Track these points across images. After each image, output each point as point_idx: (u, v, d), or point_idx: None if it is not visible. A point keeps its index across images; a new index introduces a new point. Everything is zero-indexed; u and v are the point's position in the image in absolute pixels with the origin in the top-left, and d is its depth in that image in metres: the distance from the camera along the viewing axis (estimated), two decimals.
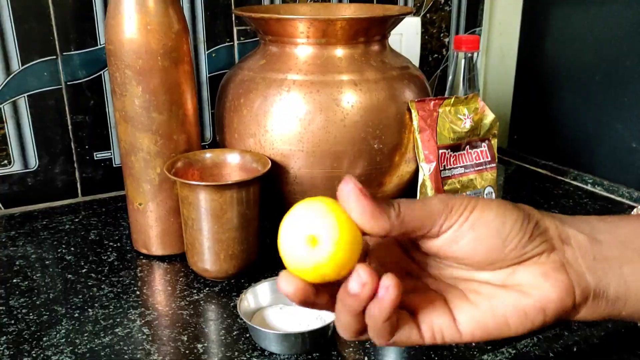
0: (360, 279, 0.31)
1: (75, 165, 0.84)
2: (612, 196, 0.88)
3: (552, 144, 0.99)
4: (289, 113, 0.65)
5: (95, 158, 0.84)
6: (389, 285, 0.31)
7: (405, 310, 0.35)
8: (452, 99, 0.70)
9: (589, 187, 0.91)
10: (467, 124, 0.71)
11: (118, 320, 0.57)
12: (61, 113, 0.81)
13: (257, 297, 0.56)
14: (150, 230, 0.68)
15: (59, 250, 0.71)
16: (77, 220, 0.79)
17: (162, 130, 0.64)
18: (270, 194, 0.69)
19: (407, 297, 0.35)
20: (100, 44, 0.81)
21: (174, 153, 0.65)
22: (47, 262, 0.68)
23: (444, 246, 0.34)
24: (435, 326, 0.34)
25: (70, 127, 0.82)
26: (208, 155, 0.67)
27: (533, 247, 0.34)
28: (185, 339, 0.54)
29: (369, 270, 0.31)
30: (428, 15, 1.03)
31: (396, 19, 0.69)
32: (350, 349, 0.53)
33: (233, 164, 0.67)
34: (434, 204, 0.34)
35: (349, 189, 0.33)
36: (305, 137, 0.65)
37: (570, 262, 0.35)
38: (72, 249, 0.71)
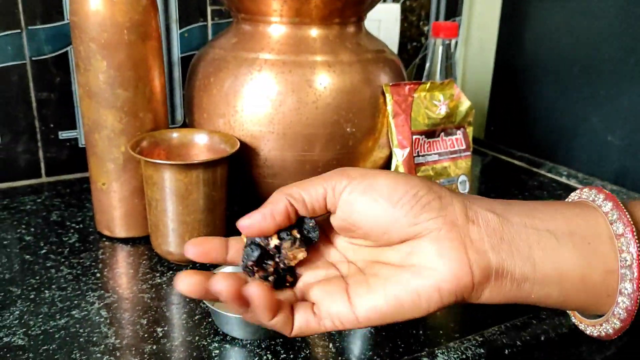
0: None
1: (39, 144, 0.81)
2: None
3: (529, 136, 0.98)
4: (260, 93, 0.63)
5: (60, 137, 0.81)
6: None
7: (307, 301, 0.38)
8: (428, 84, 0.68)
9: (563, 180, 0.91)
10: (443, 110, 0.69)
11: (75, 302, 0.55)
12: (25, 90, 0.78)
13: None
14: (113, 211, 0.65)
15: (18, 231, 0.68)
16: (39, 200, 0.76)
17: (127, 108, 0.62)
18: (240, 177, 0.67)
19: (308, 288, 0.39)
20: (67, 19, 0.78)
21: (139, 132, 0.63)
22: (4, 242, 0.65)
23: (344, 216, 0.37)
24: (332, 313, 0.36)
25: (34, 104, 0.79)
26: (175, 135, 0.65)
27: (426, 218, 0.35)
28: (145, 322, 0.52)
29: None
30: (408, 2, 1.01)
31: (373, 1, 0.67)
32: (315, 335, 0.51)
33: (201, 145, 0.65)
34: (332, 172, 0.38)
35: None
36: (276, 119, 0.63)
37: (473, 240, 0.35)
38: (32, 229, 0.69)
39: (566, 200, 0.42)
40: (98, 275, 0.60)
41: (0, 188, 0.80)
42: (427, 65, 0.82)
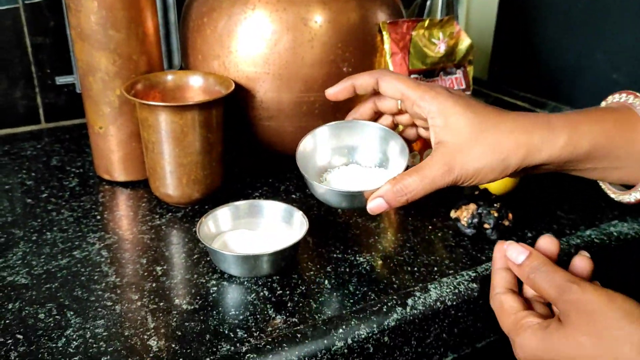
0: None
1: (37, 90, 0.80)
2: None
3: (533, 75, 0.97)
4: (254, 33, 0.62)
5: (58, 83, 0.81)
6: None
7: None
8: (427, 22, 0.67)
9: None
10: (442, 49, 0.68)
11: (77, 243, 0.56)
12: (19, 34, 0.77)
13: (217, 221, 0.55)
14: (111, 155, 0.66)
15: (19, 176, 0.69)
16: (39, 146, 0.77)
17: (120, 50, 0.61)
18: (235, 119, 0.67)
19: None
20: None
21: (134, 74, 0.62)
22: (6, 187, 0.66)
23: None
24: None
25: (29, 49, 0.78)
26: (170, 77, 0.64)
27: None
28: (145, 261, 0.53)
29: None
30: None
31: None
32: (311, 272, 0.52)
33: (196, 87, 0.65)
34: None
35: None
36: (271, 59, 0.62)
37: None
38: (33, 174, 0.69)
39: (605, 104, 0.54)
40: (98, 217, 0.61)
41: (0, 134, 0.80)
42: (428, 2, 0.80)
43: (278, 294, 0.49)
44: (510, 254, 0.44)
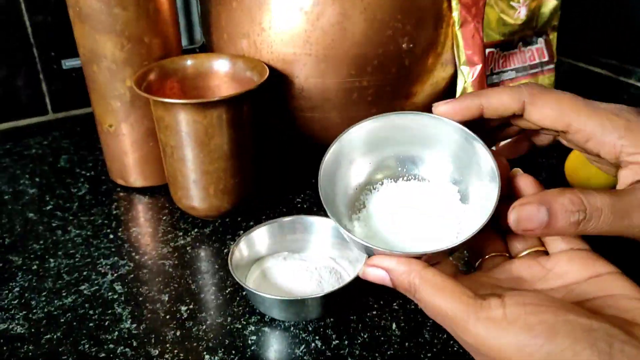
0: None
1: (41, 76, 0.70)
2: None
3: (615, 36, 0.82)
4: (291, 4, 0.50)
5: (64, 67, 0.70)
6: None
7: None
8: None
9: None
10: (522, 14, 0.55)
11: (85, 273, 0.46)
12: (17, 13, 0.66)
13: (253, 245, 0.44)
14: (125, 157, 0.55)
15: (22, 182, 0.59)
16: (45, 143, 0.67)
17: (129, 32, 0.50)
18: (271, 112, 0.55)
19: None
20: None
21: (146, 61, 0.51)
22: (5, 197, 0.57)
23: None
24: None
25: (29, 29, 0.67)
26: (189, 62, 0.53)
27: None
28: (167, 298, 0.43)
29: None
30: None
31: None
32: (374, 312, 0.41)
33: (222, 74, 0.53)
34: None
35: None
36: (313, 37, 0.50)
37: None
38: (37, 179, 0.60)
39: None
40: (111, 236, 0.50)
41: (3, 129, 0.70)
42: None
43: (334, 345, 0.39)
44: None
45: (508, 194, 0.34)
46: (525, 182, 0.34)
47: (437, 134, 0.36)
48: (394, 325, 0.40)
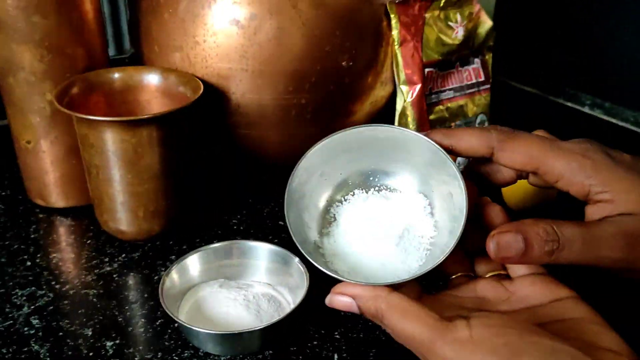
0: None
1: None
2: (615, 120, 0.75)
3: (544, 54, 0.84)
4: (227, 17, 0.47)
5: None
6: None
7: None
8: (442, 1, 0.53)
9: (586, 110, 0.78)
10: (460, 34, 0.55)
11: None
12: None
13: (186, 272, 0.42)
14: (45, 176, 0.51)
15: None
16: None
17: (49, 41, 0.46)
18: (204, 128, 0.53)
19: None
20: None
21: (69, 73, 0.48)
22: None
23: None
24: None
25: None
26: (117, 75, 0.49)
27: None
28: (90, 333, 0.40)
29: None
30: None
31: None
32: (315, 342, 0.39)
33: (152, 88, 0.50)
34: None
35: None
36: (250, 52, 0.48)
37: None
38: None
39: None
40: (28, 263, 0.46)
41: None
42: None
43: None
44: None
45: (474, 216, 0.35)
46: (494, 211, 0.35)
47: (407, 146, 0.36)
48: (335, 356, 0.38)
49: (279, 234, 0.50)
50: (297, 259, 0.41)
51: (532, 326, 0.28)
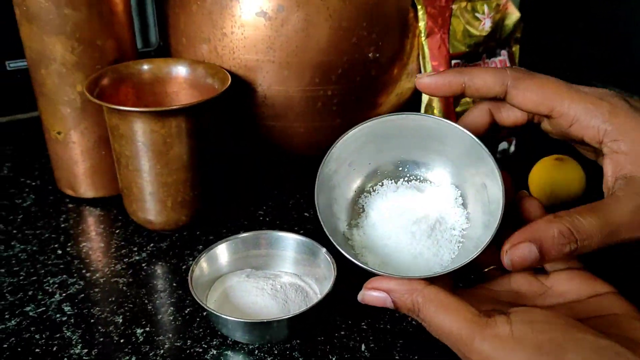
0: None
1: None
2: None
3: (569, 47, 0.83)
4: (255, 9, 0.48)
5: (9, 68, 0.66)
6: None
7: None
8: None
9: None
10: (487, 25, 0.55)
11: (30, 293, 0.43)
12: None
13: (214, 262, 0.42)
14: (75, 166, 0.52)
15: None
16: None
17: (80, 33, 0.47)
18: (231, 119, 0.53)
19: None
20: None
21: (98, 64, 0.48)
22: None
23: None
24: None
25: None
26: (146, 67, 0.50)
27: None
28: (121, 320, 0.41)
29: None
30: None
31: None
32: (342, 332, 0.40)
33: (181, 80, 0.50)
34: None
35: None
36: (277, 43, 0.48)
37: None
38: None
39: None
40: (59, 252, 0.47)
41: None
42: None
43: None
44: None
45: (510, 209, 0.34)
46: (532, 205, 0.34)
47: (439, 136, 0.35)
48: (362, 347, 0.39)
49: (304, 226, 0.50)
50: (324, 250, 0.41)
51: (575, 322, 0.27)
